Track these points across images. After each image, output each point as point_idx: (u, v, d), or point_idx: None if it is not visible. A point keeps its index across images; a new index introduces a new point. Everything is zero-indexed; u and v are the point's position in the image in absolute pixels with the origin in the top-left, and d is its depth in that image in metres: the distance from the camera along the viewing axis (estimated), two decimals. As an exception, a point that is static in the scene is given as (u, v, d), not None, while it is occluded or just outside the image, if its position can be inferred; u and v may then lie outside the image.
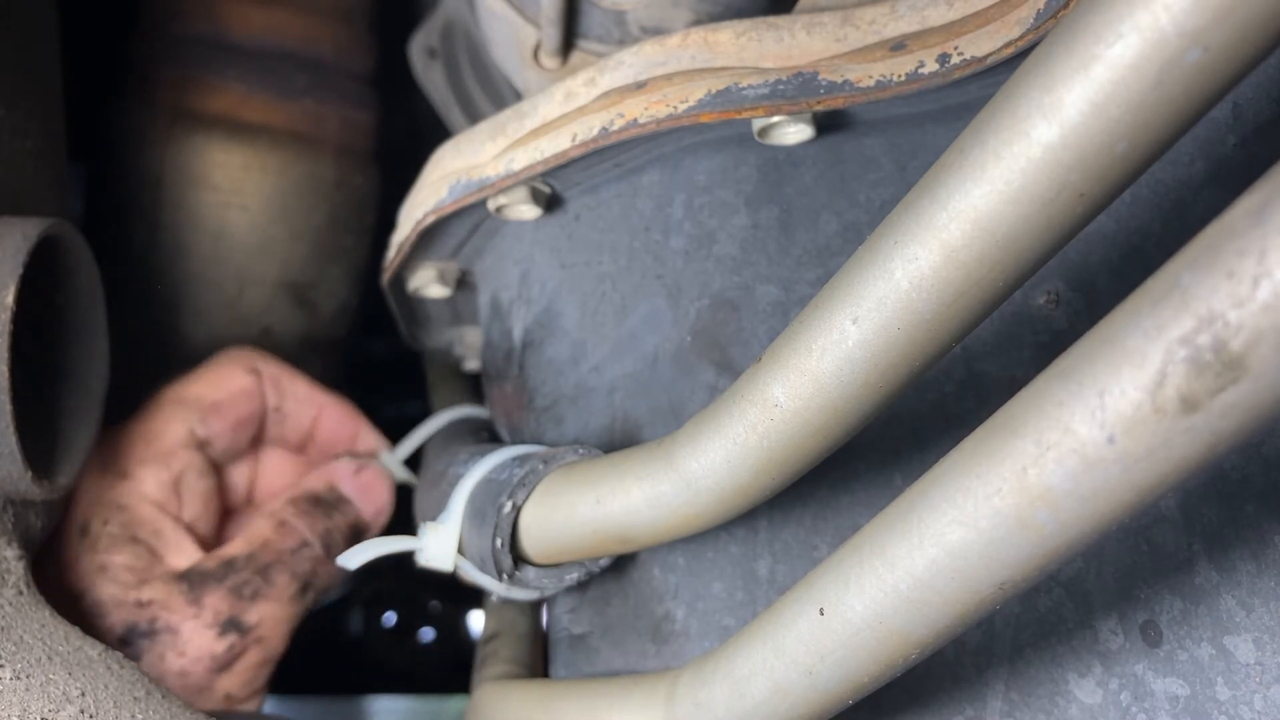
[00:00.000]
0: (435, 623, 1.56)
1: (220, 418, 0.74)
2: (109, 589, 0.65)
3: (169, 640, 0.65)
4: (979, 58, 0.50)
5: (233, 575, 0.68)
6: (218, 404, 0.74)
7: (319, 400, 0.79)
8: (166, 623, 0.65)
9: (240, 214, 0.91)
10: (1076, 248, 0.52)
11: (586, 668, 0.60)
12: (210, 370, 0.76)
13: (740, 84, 0.54)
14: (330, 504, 0.73)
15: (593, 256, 0.63)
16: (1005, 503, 0.32)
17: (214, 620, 0.66)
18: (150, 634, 0.65)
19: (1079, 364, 0.30)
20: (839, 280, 0.40)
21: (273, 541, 0.70)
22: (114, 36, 0.94)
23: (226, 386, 0.75)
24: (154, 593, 0.66)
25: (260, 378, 0.77)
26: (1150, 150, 0.32)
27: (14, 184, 0.60)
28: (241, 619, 0.67)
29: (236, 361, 0.77)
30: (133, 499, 0.69)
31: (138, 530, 0.68)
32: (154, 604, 0.66)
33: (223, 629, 0.66)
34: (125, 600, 0.65)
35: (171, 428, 0.72)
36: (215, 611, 0.66)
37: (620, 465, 0.50)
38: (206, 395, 0.74)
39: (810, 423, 0.42)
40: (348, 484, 0.74)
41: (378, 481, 0.75)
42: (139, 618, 0.65)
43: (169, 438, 0.72)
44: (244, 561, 0.68)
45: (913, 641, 0.37)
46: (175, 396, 0.74)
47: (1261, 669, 0.46)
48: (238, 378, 0.76)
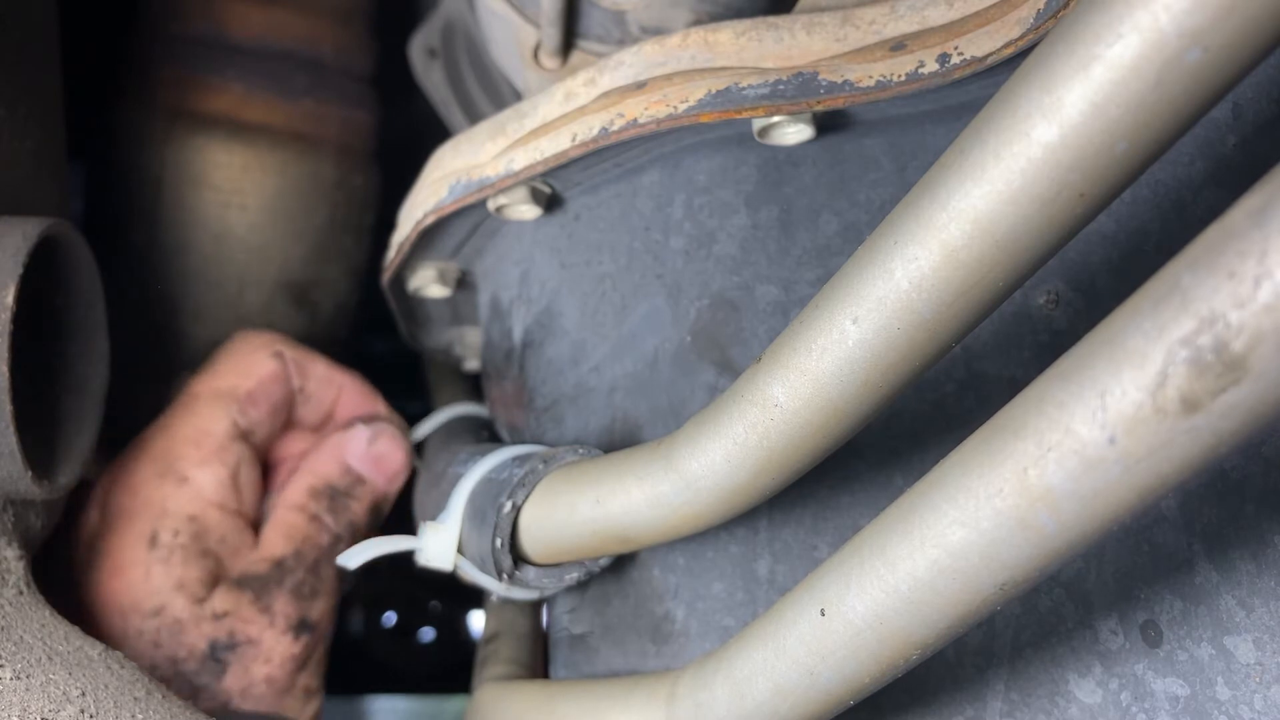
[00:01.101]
0: (435, 623, 1.56)
1: (257, 406, 0.74)
2: (187, 605, 0.66)
3: (252, 651, 0.67)
4: (979, 58, 0.50)
5: (289, 577, 0.69)
6: (252, 393, 0.74)
7: (338, 380, 0.78)
8: (246, 635, 0.67)
9: (240, 214, 0.91)
10: (1076, 248, 0.52)
11: (586, 668, 0.60)
12: (235, 358, 0.76)
13: (740, 84, 0.54)
14: (347, 490, 0.73)
15: (593, 256, 0.63)
16: (1006, 503, 0.32)
17: (286, 625, 0.68)
18: (233, 647, 0.67)
19: (1080, 365, 0.30)
20: (839, 280, 0.40)
21: (312, 537, 0.71)
22: (114, 36, 0.94)
23: (256, 373, 0.75)
24: (225, 603, 0.67)
25: (284, 360, 0.76)
26: (1150, 150, 0.32)
27: (14, 184, 0.60)
28: (309, 618, 0.70)
29: (259, 347, 0.76)
30: (199, 506, 0.69)
31: (208, 540, 0.69)
32: (229, 616, 0.67)
33: (296, 631, 0.69)
34: (203, 615, 0.66)
35: (217, 423, 0.72)
36: (286, 616, 0.69)
37: (620, 465, 0.50)
38: (241, 385, 0.74)
39: (810, 423, 0.42)
40: (360, 460, 0.74)
41: (392, 447, 0.75)
42: (218, 632, 0.66)
43: (217, 434, 0.72)
44: (294, 561, 0.70)
45: (914, 642, 0.37)
46: (211, 390, 0.74)
47: (1261, 669, 0.46)
48: (265, 363, 0.75)
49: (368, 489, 0.74)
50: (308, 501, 0.72)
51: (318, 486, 0.73)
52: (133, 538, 0.67)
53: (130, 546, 0.67)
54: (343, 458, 0.74)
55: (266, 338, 0.78)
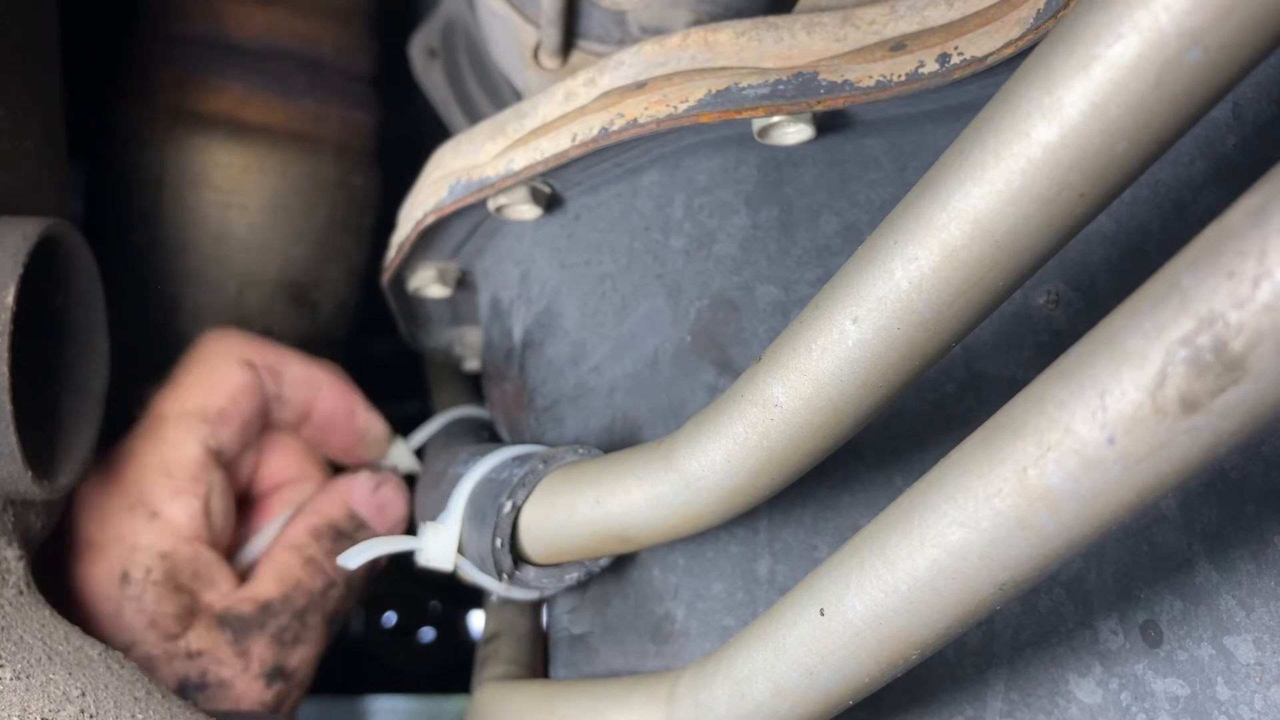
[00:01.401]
0: (435, 623, 1.56)
1: (228, 424, 0.71)
2: (159, 643, 0.65)
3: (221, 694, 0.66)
4: (979, 58, 0.50)
5: (272, 621, 0.68)
6: (224, 411, 0.71)
7: (316, 379, 0.76)
8: (218, 676, 0.66)
9: (240, 214, 0.91)
10: (1076, 248, 0.52)
11: (586, 668, 0.60)
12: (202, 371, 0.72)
13: (740, 84, 0.54)
14: (350, 534, 0.72)
15: (593, 256, 0.63)
16: (1006, 503, 0.32)
17: (261, 670, 0.67)
18: (202, 687, 0.65)
19: (1079, 364, 0.30)
20: (839, 280, 0.40)
21: (304, 582, 0.69)
22: (114, 36, 0.94)
23: (226, 387, 0.72)
24: (200, 642, 0.66)
25: (255, 369, 0.73)
26: (1150, 150, 0.32)
27: (14, 184, 0.60)
28: (285, 666, 0.68)
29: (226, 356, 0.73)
30: (171, 542, 0.67)
31: (180, 575, 0.67)
32: (204, 655, 0.66)
33: (269, 678, 0.67)
34: (176, 652, 0.65)
35: (187, 450, 0.69)
36: (261, 661, 0.67)
37: (620, 465, 0.50)
38: (210, 403, 0.71)
39: (810, 423, 0.42)
40: (364, 506, 0.73)
41: (394, 497, 0.74)
42: (190, 671, 0.65)
43: (189, 463, 0.69)
44: (280, 605, 0.68)
45: (913, 642, 0.37)
46: (179, 410, 0.71)
47: (1261, 669, 0.46)
48: (234, 375, 0.72)
49: (368, 534, 0.73)
50: (308, 542, 0.71)
51: (320, 527, 0.71)
52: (103, 572, 0.65)
53: (100, 581, 0.65)
54: (347, 502, 0.73)
55: (235, 343, 0.74)
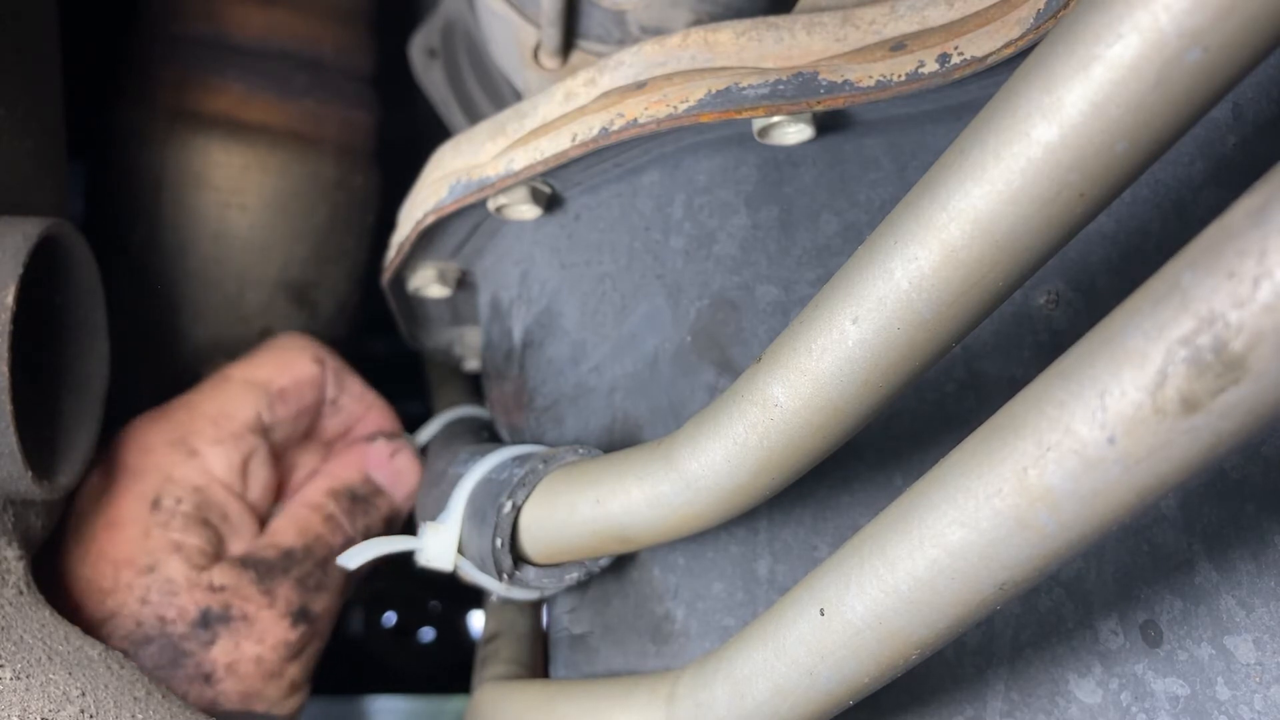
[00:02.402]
0: (435, 623, 1.56)
1: (285, 404, 0.74)
2: (182, 569, 0.66)
3: (245, 628, 0.67)
4: (979, 58, 0.50)
5: (296, 567, 0.69)
6: (285, 390, 0.74)
7: (369, 400, 0.79)
8: (242, 610, 0.67)
9: (240, 214, 0.91)
10: (1076, 248, 0.52)
11: (586, 668, 0.60)
12: (277, 354, 0.76)
13: (740, 84, 0.54)
14: (366, 498, 0.74)
15: (593, 256, 0.63)
16: (1006, 503, 0.32)
17: (287, 610, 0.68)
18: (226, 620, 0.66)
19: (1079, 364, 0.30)
20: (839, 280, 0.40)
21: (324, 536, 0.71)
22: (114, 36, 0.94)
23: (293, 372, 0.75)
24: (224, 577, 0.67)
25: (324, 368, 0.77)
26: (1150, 150, 0.32)
27: (14, 184, 0.60)
28: (310, 609, 0.69)
29: (303, 349, 0.77)
30: (205, 479, 0.70)
31: (209, 512, 0.69)
32: (227, 590, 0.67)
33: (295, 618, 0.68)
34: (199, 582, 0.66)
35: (241, 410, 0.72)
36: (287, 601, 0.68)
37: (620, 465, 0.50)
38: (275, 380, 0.74)
39: (810, 422, 0.42)
40: (381, 471, 0.75)
41: (409, 466, 0.76)
42: (212, 601, 0.66)
43: (238, 420, 0.72)
44: (302, 554, 0.70)
45: (913, 642, 0.37)
46: (244, 377, 0.74)
47: (1261, 669, 0.46)
48: (305, 365, 0.76)
49: (385, 500, 0.74)
50: (325, 501, 0.72)
51: (337, 489, 0.73)
52: (134, 496, 0.68)
53: (131, 504, 0.67)
54: (364, 467, 0.75)
55: (311, 342, 0.78)
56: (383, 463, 0.75)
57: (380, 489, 0.74)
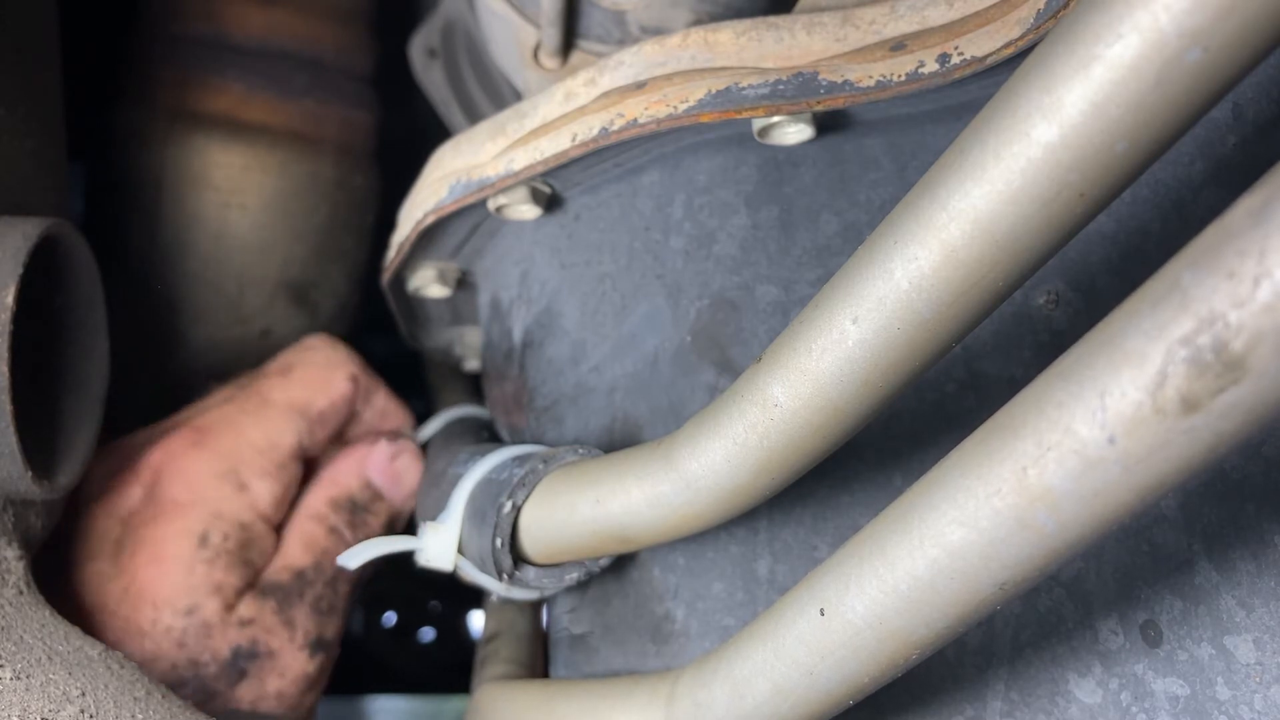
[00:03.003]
0: (435, 623, 1.56)
1: (324, 428, 0.75)
2: (218, 610, 0.66)
3: (269, 664, 0.67)
4: (979, 58, 0.50)
5: (309, 590, 0.69)
6: (324, 414, 0.74)
7: (394, 415, 0.79)
8: (267, 646, 0.67)
9: (240, 214, 0.91)
10: (1076, 248, 0.52)
11: (586, 668, 0.60)
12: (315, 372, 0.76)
13: (740, 84, 0.54)
14: (366, 505, 0.73)
15: (593, 256, 0.63)
16: (1005, 503, 0.32)
17: (305, 641, 0.68)
18: (254, 656, 0.66)
19: (1079, 364, 0.30)
20: (839, 280, 0.40)
21: (330, 550, 0.71)
22: (114, 36, 0.94)
23: (331, 394, 0.75)
24: (250, 610, 0.67)
25: (357, 385, 0.77)
26: (1150, 150, 0.32)
27: (14, 184, 0.60)
28: (324, 636, 0.69)
29: (339, 365, 0.76)
30: (252, 516, 0.69)
31: (250, 550, 0.69)
32: (254, 624, 0.67)
33: (313, 650, 0.69)
34: (230, 620, 0.66)
35: (286, 438, 0.72)
36: (305, 632, 0.68)
37: (620, 465, 0.50)
38: (315, 403, 0.74)
39: (810, 423, 0.42)
40: (380, 475, 0.74)
41: (410, 467, 0.75)
42: (242, 639, 0.66)
43: (283, 449, 0.72)
44: (313, 573, 0.70)
45: (913, 642, 0.37)
46: (286, 400, 0.73)
47: (1261, 669, 0.46)
48: (341, 385, 0.76)
49: (385, 505, 0.74)
50: (328, 513, 0.72)
51: (338, 498, 0.73)
52: (182, 531, 0.67)
53: (177, 539, 0.67)
54: (364, 471, 0.74)
55: (345, 355, 0.78)
56: (383, 466, 0.74)
57: (380, 494, 0.74)
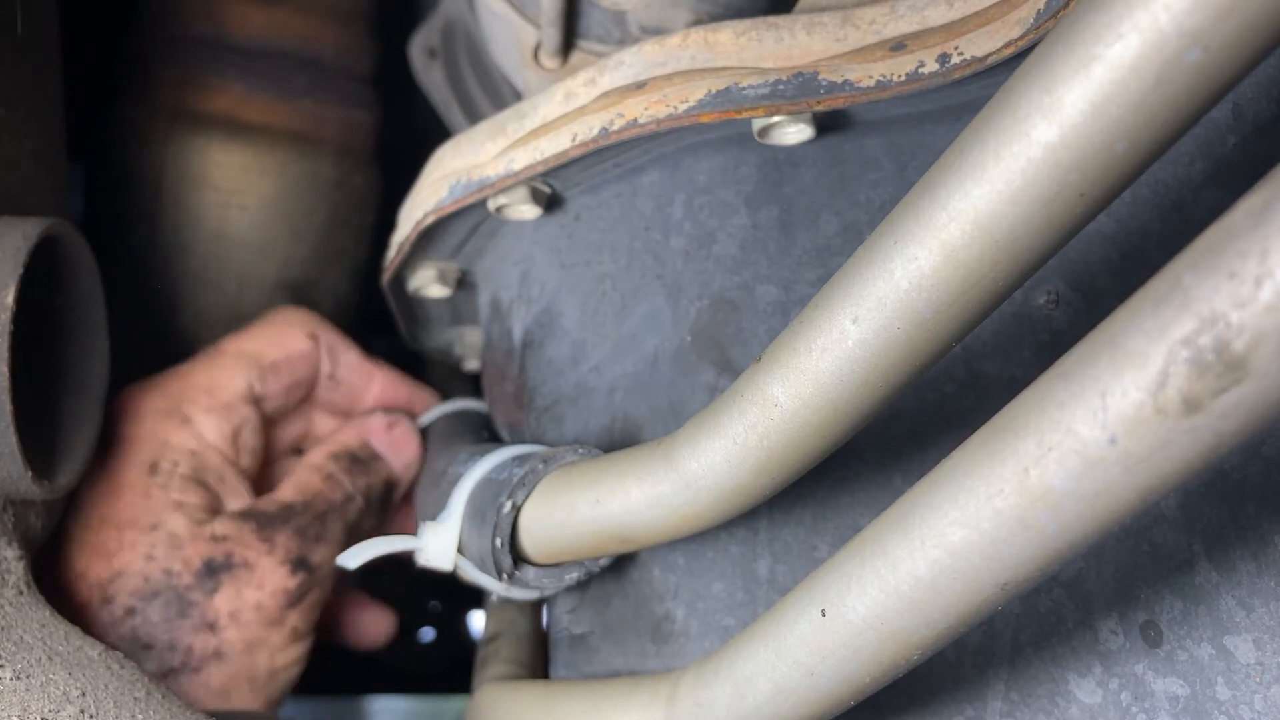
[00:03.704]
0: (435, 623, 1.56)
1: (277, 378, 0.77)
2: (184, 524, 0.68)
3: (245, 575, 0.69)
4: (979, 58, 0.50)
5: (295, 518, 0.71)
6: (276, 364, 0.76)
7: (370, 370, 0.81)
8: (243, 558, 0.69)
9: (240, 214, 0.91)
10: (1076, 248, 0.52)
11: (587, 668, 0.60)
12: (270, 329, 0.78)
13: (740, 84, 0.54)
14: (365, 461, 0.76)
15: (593, 256, 0.63)
16: (1007, 503, 0.32)
17: (285, 557, 0.70)
18: (228, 568, 0.68)
19: (1080, 365, 0.30)
20: (839, 280, 0.40)
21: (323, 493, 0.73)
22: (114, 36, 0.94)
23: (286, 347, 0.77)
24: (225, 528, 0.69)
25: (317, 343, 0.79)
26: (1150, 150, 0.32)
27: (14, 184, 0.60)
28: (309, 558, 0.71)
29: (297, 324, 0.79)
30: (199, 444, 0.72)
31: (205, 475, 0.71)
32: (228, 539, 0.69)
33: (294, 566, 0.70)
34: (201, 535, 0.68)
35: (233, 381, 0.74)
36: (286, 549, 0.70)
37: (620, 465, 0.50)
38: (267, 353, 0.76)
39: (810, 422, 0.42)
40: (380, 440, 0.77)
41: (407, 437, 0.77)
42: (215, 552, 0.68)
43: (230, 390, 0.74)
44: (301, 508, 0.72)
45: (914, 642, 0.37)
46: (236, 349, 0.76)
47: (1261, 669, 0.46)
48: (298, 340, 0.78)
49: (384, 465, 0.76)
50: (325, 462, 0.75)
51: (338, 452, 0.75)
52: (133, 463, 0.70)
53: (130, 470, 0.69)
54: (364, 435, 0.77)
55: (305, 316, 0.80)
56: (380, 433, 0.77)
57: (378, 455, 0.76)
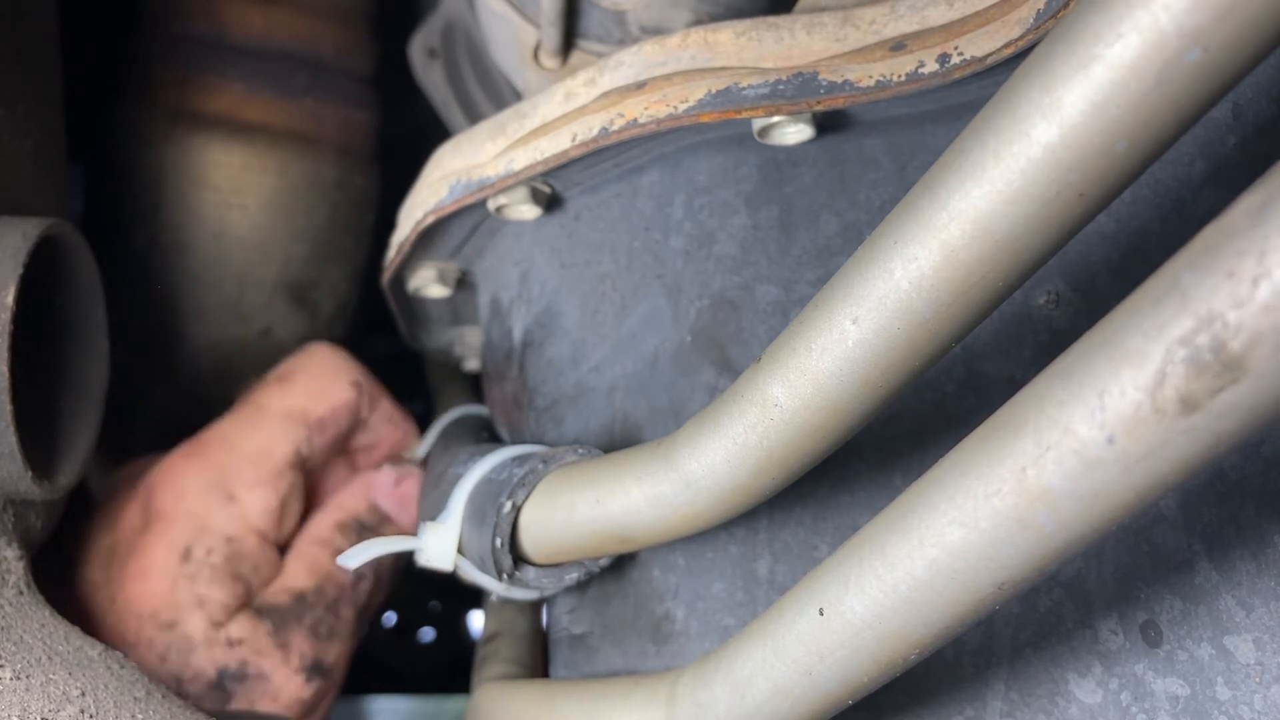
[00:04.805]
0: (435, 623, 1.56)
1: (324, 434, 0.73)
2: (202, 626, 0.65)
3: (260, 686, 0.65)
4: (979, 58, 0.50)
5: (309, 613, 0.68)
6: (323, 420, 0.73)
7: (398, 420, 0.78)
8: (258, 668, 0.65)
9: (240, 214, 0.91)
10: (1076, 248, 0.52)
11: (586, 668, 0.60)
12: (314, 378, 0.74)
13: (740, 84, 0.54)
14: (374, 528, 0.72)
15: (593, 256, 0.63)
16: (1005, 503, 0.32)
17: (300, 665, 0.67)
18: (242, 679, 0.65)
19: (1079, 364, 0.30)
20: (839, 280, 0.40)
21: (334, 574, 0.69)
22: (114, 36, 0.94)
23: (331, 400, 0.73)
24: (241, 630, 0.66)
25: (361, 391, 0.75)
26: (1150, 150, 0.32)
27: (14, 184, 0.60)
28: (323, 661, 0.68)
29: (341, 371, 0.75)
30: (240, 528, 0.67)
31: (240, 564, 0.67)
32: (244, 644, 0.65)
33: (309, 674, 0.67)
34: (217, 640, 0.65)
35: (281, 446, 0.70)
36: (301, 655, 0.67)
37: (620, 465, 0.50)
38: (313, 409, 0.72)
39: (810, 422, 0.42)
40: (387, 499, 0.73)
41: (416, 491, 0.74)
42: (229, 659, 0.65)
43: (278, 458, 0.70)
44: (314, 596, 0.68)
45: (912, 642, 0.37)
46: (283, 408, 0.72)
47: (1261, 669, 0.46)
48: (343, 390, 0.74)
49: (393, 528, 0.73)
50: (334, 535, 0.71)
51: (345, 521, 0.72)
52: (166, 545, 0.66)
53: (162, 553, 0.66)
54: (370, 496, 0.73)
55: (346, 361, 0.76)
56: (388, 490, 0.73)
57: (387, 516, 0.73)
